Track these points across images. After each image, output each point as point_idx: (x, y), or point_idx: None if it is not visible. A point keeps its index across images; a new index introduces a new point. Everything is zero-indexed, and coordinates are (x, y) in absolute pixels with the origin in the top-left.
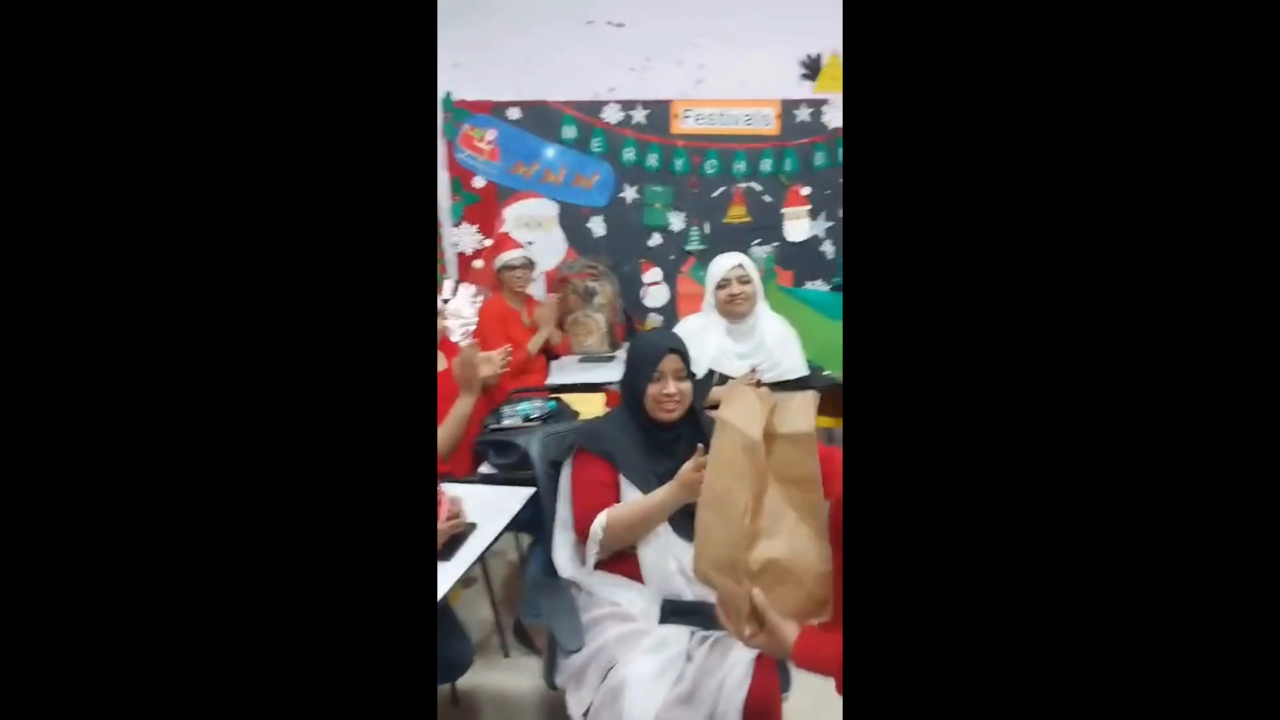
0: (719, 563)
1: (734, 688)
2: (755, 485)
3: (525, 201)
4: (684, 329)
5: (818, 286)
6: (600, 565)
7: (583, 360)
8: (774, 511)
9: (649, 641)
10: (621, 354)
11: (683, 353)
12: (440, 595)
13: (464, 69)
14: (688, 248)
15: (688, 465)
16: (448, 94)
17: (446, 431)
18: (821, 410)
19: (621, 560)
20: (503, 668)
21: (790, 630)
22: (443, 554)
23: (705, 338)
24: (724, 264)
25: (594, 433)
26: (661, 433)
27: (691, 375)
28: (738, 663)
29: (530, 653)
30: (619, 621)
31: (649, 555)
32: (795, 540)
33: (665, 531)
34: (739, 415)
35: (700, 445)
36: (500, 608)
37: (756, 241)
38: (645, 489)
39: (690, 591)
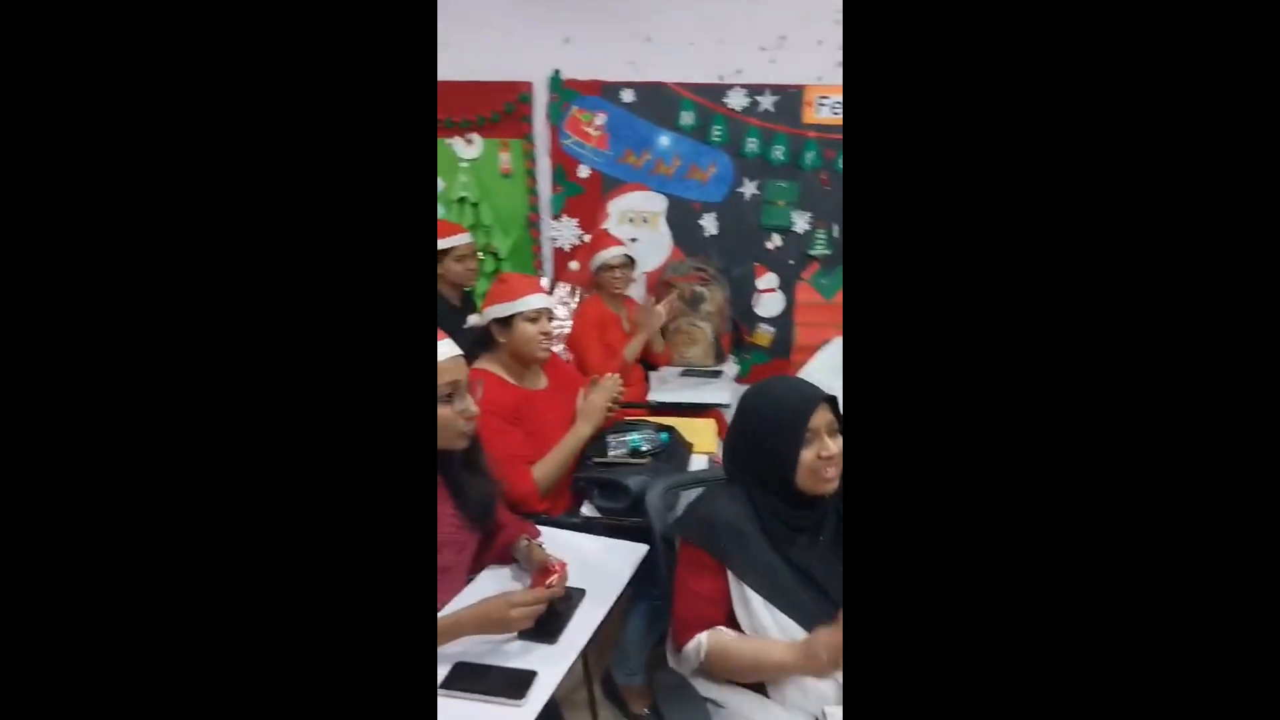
0: None
1: None
2: None
3: (631, 194)
4: (828, 355)
5: None
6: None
7: (684, 374)
8: None
9: None
10: (728, 369)
11: (834, 403)
12: (548, 695)
13: (575, 44)
14: (811, 252)
15: (822, 638)
16: (555, 72)
17: (553, 465)
18: None
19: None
20: None
21: None
22: (544, 633)
23: None
24: None
25: (705, 522)
26: (802, 511)
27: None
28: None
29: (622, 715)
30: None
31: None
32: None
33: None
34: None
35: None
36: (589, 657)
37: None
38: (773, 591)
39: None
